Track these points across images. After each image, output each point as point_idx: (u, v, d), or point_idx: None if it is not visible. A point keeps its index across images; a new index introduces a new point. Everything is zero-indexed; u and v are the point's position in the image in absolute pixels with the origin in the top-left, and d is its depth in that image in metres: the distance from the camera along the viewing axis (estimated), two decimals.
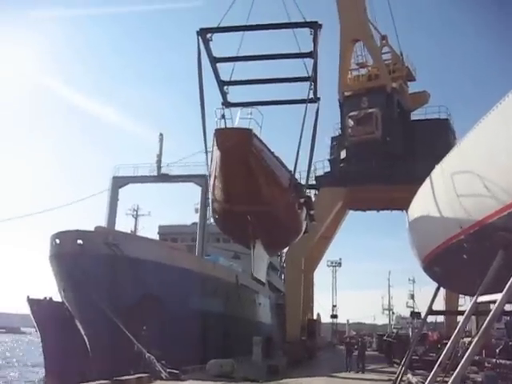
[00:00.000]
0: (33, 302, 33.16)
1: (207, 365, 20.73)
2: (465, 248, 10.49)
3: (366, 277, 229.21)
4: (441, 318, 42.10)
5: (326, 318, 73.87)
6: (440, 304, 18.72)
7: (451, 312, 27.25)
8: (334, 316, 73.92)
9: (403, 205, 37.68)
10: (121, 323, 21.63)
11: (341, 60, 36.66)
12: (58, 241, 25.16)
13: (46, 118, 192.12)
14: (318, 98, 16.86)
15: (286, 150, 15.83)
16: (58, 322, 28.66)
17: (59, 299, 29.10)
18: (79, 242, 24.44)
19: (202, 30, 14.85)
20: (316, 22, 14.69)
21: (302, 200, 16.78)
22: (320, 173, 37.23)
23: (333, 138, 38.84)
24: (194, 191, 41.47)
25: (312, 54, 15.35)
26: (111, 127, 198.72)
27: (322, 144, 37.33)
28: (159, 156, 41.75)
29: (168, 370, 18.44)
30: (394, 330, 63.41)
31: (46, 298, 32.56)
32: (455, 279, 13.94)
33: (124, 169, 41.34)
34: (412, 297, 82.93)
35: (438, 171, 11.60)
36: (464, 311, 11.05)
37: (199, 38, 14.88)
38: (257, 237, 15.45)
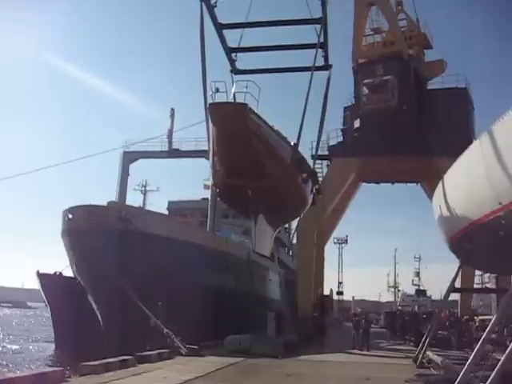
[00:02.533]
0: (43, 277, 32.98)
1: (225, 340, 20.41)
2: (503, 225, 9.82)
3: (371, 254, 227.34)
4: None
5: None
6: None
7: (477, 290, 26.56)
8: (340, 293, 74.50)
9: (419, 177, 37.14)
10: (135, 298, 21.34)
11: (355, 25, 35.38)
12: (70, 215, 24.76)
13: (59, 95, 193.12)
14: (330, 65, 16.21)
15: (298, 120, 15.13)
16: (68, 296, 28.45)
17: (69, 274, 28.90)
18: (92, 216, 24.04)
19: None
20: None
21: (304, 175, 16.16)
22: (333, 143, 36.31)
23: (345, 108, 37.83)
24: (203, 166, 40.71)
25: (321, 20, 14.72)
26: (117, 105, 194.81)
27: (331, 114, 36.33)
28: (170, 131, 41.09)
29: (187, 346, 18.10)
30: (400, 308, 63.52)
31: (55, 272, 32.33)
32: (487, 257, 13.31)
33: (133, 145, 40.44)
34: (417, 274, 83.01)
35: (477, 144, 10.81)
36: (492, 289, 10.51)
37: (202, 3, 14.21)
38: (258, 211, 15.07)
